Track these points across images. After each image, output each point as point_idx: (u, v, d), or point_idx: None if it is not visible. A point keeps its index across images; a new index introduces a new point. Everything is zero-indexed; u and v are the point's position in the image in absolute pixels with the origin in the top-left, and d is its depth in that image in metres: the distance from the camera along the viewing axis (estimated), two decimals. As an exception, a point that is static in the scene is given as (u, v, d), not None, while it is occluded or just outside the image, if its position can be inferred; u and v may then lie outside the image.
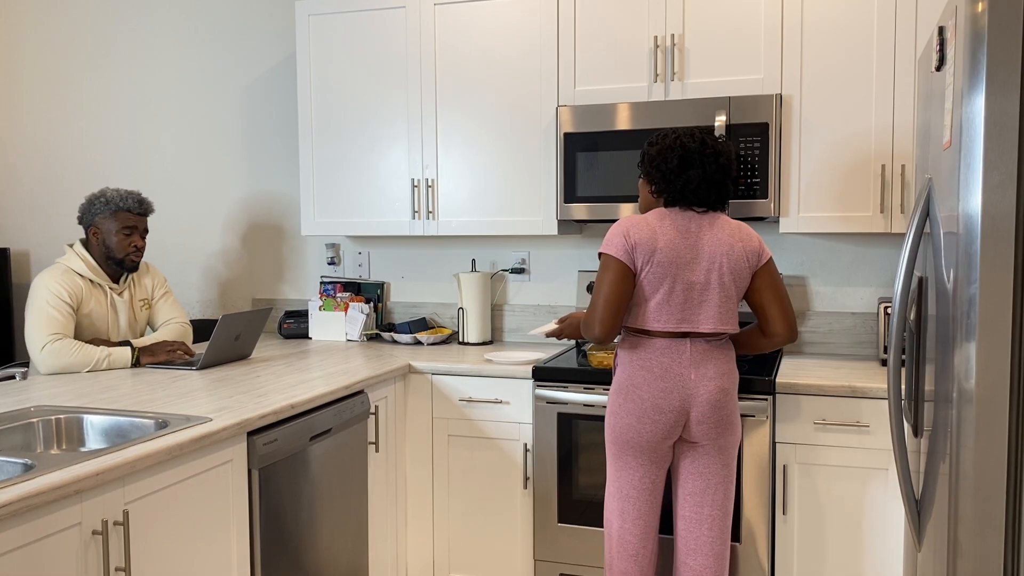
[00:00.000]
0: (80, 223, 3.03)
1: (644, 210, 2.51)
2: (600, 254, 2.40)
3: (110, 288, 3.01)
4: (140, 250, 3.02)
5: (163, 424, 2.12)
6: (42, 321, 2.81)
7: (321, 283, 3.79)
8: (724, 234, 2.39)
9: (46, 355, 2.78)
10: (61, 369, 2.79)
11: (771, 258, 2.44)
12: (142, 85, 4.11)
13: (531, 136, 3.20)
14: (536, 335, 2.87)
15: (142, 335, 3.17)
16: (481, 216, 3.29)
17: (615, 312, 2.34)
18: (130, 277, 3.11)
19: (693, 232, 2.38)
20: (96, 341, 2.93)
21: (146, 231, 3.05)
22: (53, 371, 2.79)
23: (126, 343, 2.96)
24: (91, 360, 2.81)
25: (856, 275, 3.21)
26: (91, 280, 2.97)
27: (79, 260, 2.97)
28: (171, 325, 3.17)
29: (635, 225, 2.37)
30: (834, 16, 2.84)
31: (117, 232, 2.97)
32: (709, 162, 2.37)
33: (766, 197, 2.86)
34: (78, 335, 2.93)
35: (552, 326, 2.77)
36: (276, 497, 2.35)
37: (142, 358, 2.89)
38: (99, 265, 3.00)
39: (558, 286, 3.58)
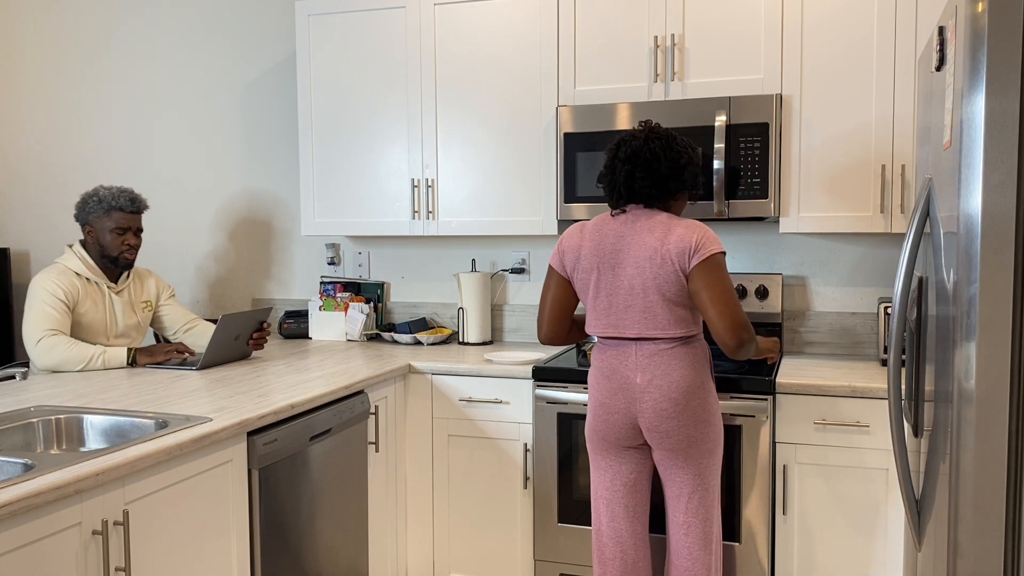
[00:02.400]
0: (77, 221, 3.04)
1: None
2: None
3: (108, 287, 3.01)
4: (133, 248, 3.01)
5: (163, 424, 2.12)
6: (38, 317, 2.81)
7: (321, 283, 3.79)
8: (652, 237, 2.27)
9: (40, 350, 2.79)
10: (55, 365, 2.79)
11: (712, 256, 2.22)
12: (142, 84, 4.11)
13: (531, 136, 3.20)
14: None
15: (143, 335, 3.17)
16: (481, 216, 3.29)
17: (556, 317, 2.43)
18: (130, 278, 3.11)
19: (622, 236, 2.32)
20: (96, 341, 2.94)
21: (140, 229, 3.05)
22: (48, 367, 2.79)
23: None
24: (85, 357, 2.80)
25: (856, 275, 3.21)
26: (88, 279, 2.97)
27: (77, 260, 2.97)
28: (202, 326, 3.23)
29: (569, 232, 2.42)
30: (834, 16, 2.84)
31: (111, 231, 2.97)
32: (638, 159, 2.30)
33: (766, 197, 2.86)
34: (76, 334, 2.92)
35: None
36: (276, 497, 2.35)
37: (139, 358, 2.88)
38: (96, 264, 3.00)
39: (558, 286, 3.58)
